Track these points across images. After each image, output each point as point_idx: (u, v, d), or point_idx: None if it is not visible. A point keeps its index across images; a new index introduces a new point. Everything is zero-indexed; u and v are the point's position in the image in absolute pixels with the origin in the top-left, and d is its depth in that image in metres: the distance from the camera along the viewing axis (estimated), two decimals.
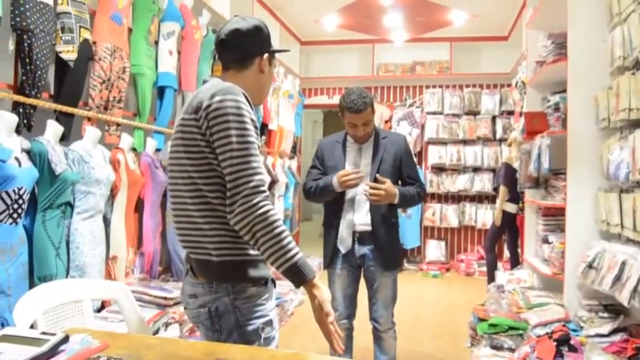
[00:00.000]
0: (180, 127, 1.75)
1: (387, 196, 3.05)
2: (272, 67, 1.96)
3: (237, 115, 1.67)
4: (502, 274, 5.06)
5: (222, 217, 1.69)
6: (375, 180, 3.08)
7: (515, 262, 5.85)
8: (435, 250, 8.25)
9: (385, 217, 3.16)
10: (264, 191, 1.66)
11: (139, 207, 3.65)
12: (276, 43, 1.98)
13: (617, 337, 3.09)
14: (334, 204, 3.20)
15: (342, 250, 3.17)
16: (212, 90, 1.70)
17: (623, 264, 2.89)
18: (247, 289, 1.75)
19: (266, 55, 1.90)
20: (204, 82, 1.85)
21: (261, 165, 1.71)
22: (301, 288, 1.72)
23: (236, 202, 1.63)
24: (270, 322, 1.81)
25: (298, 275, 1.67)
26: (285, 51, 2.13)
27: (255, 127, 1.73)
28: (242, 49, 1.86)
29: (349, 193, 3.16)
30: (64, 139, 2.95)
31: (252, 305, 1.76)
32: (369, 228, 3.14)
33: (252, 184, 1.64)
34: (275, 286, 1.91)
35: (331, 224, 3.23)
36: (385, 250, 3.16)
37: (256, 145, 1.70)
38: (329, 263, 3.24)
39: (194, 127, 1.70)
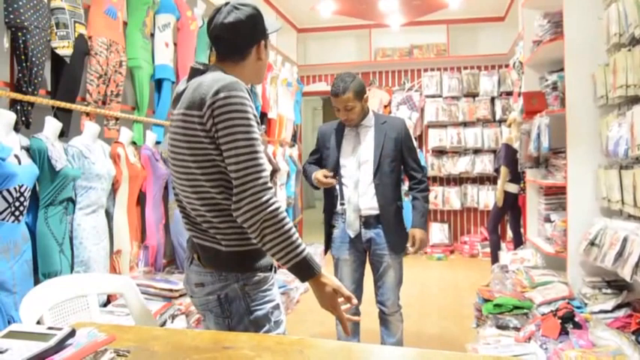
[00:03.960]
0: (182, 122, 1.71)
1: (423, 240, 3.23)
2: (268, 48, 1.94)
3: (242, 112, 1.64)
4: (506, 255, 5.07)
5: (229, 210, 1.68)
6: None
7: (519, 242, 5.86)
8: (438, 232, 8.26)
9: (390, 200, 3.19)
10: (271, 187, 1.66)
11: (140, 200, 3.65)
12: (271, 20, 1.94)
13: (620, 313, 3.11)
14: (333, 191, 3.24)
15: (351, 234, 3.20)
16: (215, 85, 1.65)
17: (625, 240, 2.90)
18: (255, 276, 1.77)
19: (262, 42, 1.88)
20: (198, 70, 1.79)
21: (265, 161, 1.70)
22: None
23: (244, 198, 1.62)
24: (278, 306, 1.84)
25: (307, 270, 1.69)
26: (277, 29, 2.03)
27: (258, 123, 1.71)
28: (238, 43, 1.83)
29: (352, 177, 3.19)
30: (63, 135, 2.96)
31: (261, 291, 1.78)
32: (376, 212, 3.17)
33: (260, 180, 1.63)
34: (276, 272, 1.92)
35: (331, 211, 3.26)
36: (391, 234, 3.18)
37: (260, 141, 1.68)
38: (338, 248, 3.27)
39: (197, 124, 1.66)
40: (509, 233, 6.57)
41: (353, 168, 3.20)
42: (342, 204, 3.22)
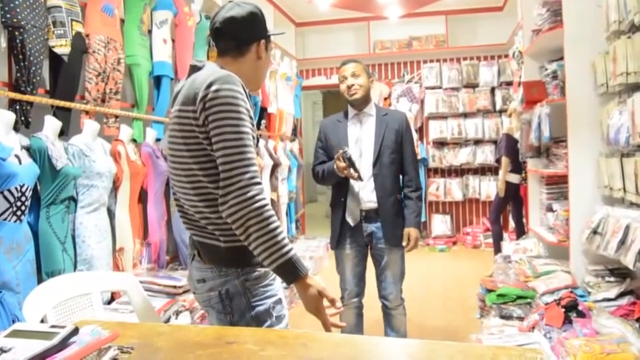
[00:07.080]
0: (178, 118, 1.71)
1: (417, 239, 3.26)
2: (269, 51, 1.94)
3: (232, 105, 1.63)
4: (508, 245, 5.07)
5: None
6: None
7: (521, 232, 5.87)
8: (440, 224, 8.26)
9: (389, 192, 3.19)
10: (259, 183, 1.63)
11: (142, 198, 3.65)
12: (270, 25, 1.95)
13: (624, 301, 3.10)
14: (341, 184, 3.22)
15: (351, 222, 3.20)
16: (209, 79, 1.65)
17: (627, 228, 2.89)
18: (255, 271, 1.76)
19: (263, 41, 1.88)
20: (195, 67, 1.80)
21: (255, 156, 1.67)
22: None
23: (230, 192, 1.60)
24: (279, 301, 1.83)
25: (292, 271, 1.63)
26: (280, 34, 2.06)
27: (251, 118, 1.70)
28: (238, 37, 1.83)
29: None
30: (63, 133, 2.95)
31: (262, 286, 1.78)
32: (375, 205, 3.16)
33: (247, 175, 1.61)
34: None
35: (338, 204, 3.25)
36: (392, 227, 3.18)
37: (251, 136, 1.67)
38: (337, 243, 3.26)
39: (192, 119, 1.66)
40: (512, 223, 6.58)
41: (354, 156, 3.19)
42: (345, 198, 3.22)
